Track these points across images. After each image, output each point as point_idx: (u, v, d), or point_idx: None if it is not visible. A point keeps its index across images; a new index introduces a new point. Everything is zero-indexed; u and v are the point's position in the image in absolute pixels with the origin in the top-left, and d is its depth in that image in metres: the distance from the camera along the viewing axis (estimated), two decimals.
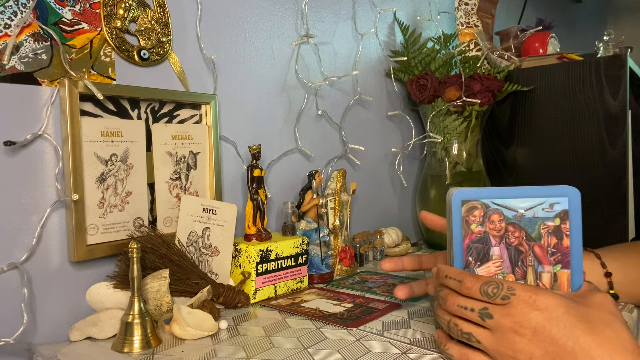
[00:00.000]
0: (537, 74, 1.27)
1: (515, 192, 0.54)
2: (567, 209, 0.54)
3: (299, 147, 1.06)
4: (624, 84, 1.15)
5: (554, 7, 2.41)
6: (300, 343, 0.62)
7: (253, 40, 0.97)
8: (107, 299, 0.69)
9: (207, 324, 0.67)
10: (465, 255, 0.55)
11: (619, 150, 1.17)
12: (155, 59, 0.80)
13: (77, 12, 0.71)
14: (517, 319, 0.49)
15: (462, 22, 1.48)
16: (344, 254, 0.99)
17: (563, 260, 0.54)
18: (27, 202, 0.67)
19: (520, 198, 0.54)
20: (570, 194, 0.54)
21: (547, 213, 0.54)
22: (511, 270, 0.55)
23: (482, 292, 0.51)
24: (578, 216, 0.54)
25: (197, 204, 0.81)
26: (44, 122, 0.68)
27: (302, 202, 0.95)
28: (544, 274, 0.54)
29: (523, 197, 0.54)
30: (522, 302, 0.49)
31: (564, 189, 0.54)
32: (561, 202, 0.54)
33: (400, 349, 0.60)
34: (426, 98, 1.20)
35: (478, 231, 0.54)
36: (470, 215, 0.54)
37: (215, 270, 0.81)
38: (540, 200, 0.54)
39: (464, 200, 0.54)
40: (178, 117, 0.84)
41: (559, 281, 0.54)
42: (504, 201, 0.54)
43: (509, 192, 0.54)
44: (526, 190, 0.54)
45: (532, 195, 0.54)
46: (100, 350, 0.62)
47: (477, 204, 0.54)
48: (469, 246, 0.55)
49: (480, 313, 0.51)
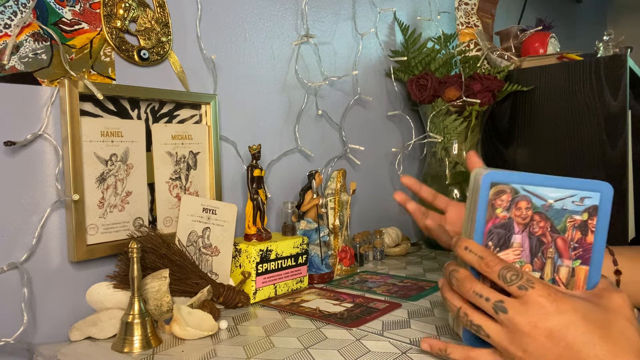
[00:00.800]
0: (537, 74, 1.27)
1: (548, 180, 0.52)
2: (598, 205, 0.52)
3: (299, 147, 1.06)
4: (624, 84, 1.15)
5: (554, 7, 2.41)
6: (300, 343, 0.62)
7: (253, 40, 0.97)
8: (107, 299, 0.69)
9: (207, 324, 0.67)
10: (486, 239, 0.52)
11: (619, 150, 1.17)
12: (155, 59, 0.80)
13: (77, 12, 0.71)
14: (532, 319, 0.47)
15: (462, 22, 1.48)
16: (344, 254, 0.99)
17: (584, 257, 0.52)
18: (27, 202, 0.67)
19: (552, 187, 0.52)
20: (604, 189, 0.52)
21: (576, 206, 0.52)
22: (529, 261, 0.53)
23: (501, 275, 0.48)
24: (607, 213, 0.52)
25: (197, 204, 0.81)
26: (44, 122, 0.68)
27: (302, 202, 0.95)
28: (562, 267, 0.52)
29: (555, 187, 0.52)
30: (539, 302, 0.47)
31: (598, 184, 0.52)
32: (592, 197, 0.52)
33: (400, 349, 0.60)
34: (426, 98, 1.20)
35: (503, 216, 0.52)
36: (498, 199, 0.52)
37: (215, 270, 0.81)
38: (571, 192, 0.52)
39: (493, 183, 0.52)
40: (178, 117, 0.84)
41: (576, 277, 0.52)
42: (534, 189, 0.52)
43: (542, 180, 0.52)
44: (559, 181, 0.52)
45: (564, 186, 0.52)
46: (100, 350, 0.62)
47: (506, 188, 0.52)
48: (491, 230, 0.52)
49: (495, 305, 0.48)
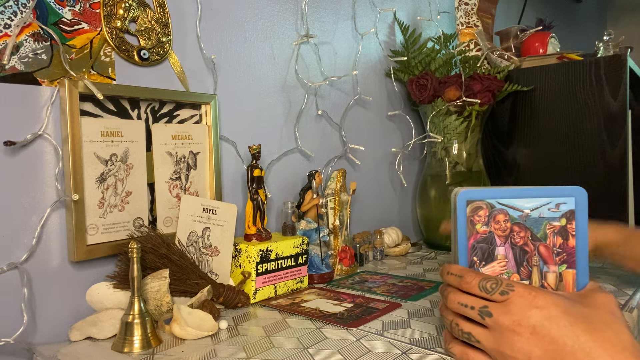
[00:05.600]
0: (537, 74, 1.27)
1: (521, 192, 0.54)
2: (574, 209, 0.53)
3: (299, 147, 1.06)
4: (624, 84, 1.15)
5: (554, 7, 2.41)
6: (300, 343, 0.62)
7: (253, 40, 0.97)
8: (107, 299, 0.69)
9: (207, 324, 0.67)
10: (470, 255, 0.54)
11: (619, 150, 1.17)
12: (155, 59, 0.80)
13: (77, 12, 0.71)
14: (515, 318, 0.48)
15: (462, 22, 1.48)
16: (344, 254, 0.99)
17: (569, 260, 0.54)
18: (27, 202, 0.67)
19: (526, 198, 0.54)
20: (577, 194, 0.53)
21: (553, 213, 0.53)
22: (516, 270, 0.54)
23: (481, 287, 0.51)
24: (584, 216, 0.53)
25: (197, 204, 0.81)
26: (44, 122, 0.68)
27: (302, 202, 0.95)
28: (549, 273, 0.54)
29: (529, 197, 0.53)
30: (521, 301, 0.49)
31: (571, 189, 0.53)
32: (568, 202, 0.53)
33: (400, 349, 0.60)
34: (426, 98, 1.20)
35: (483, 231, 0.54)
36: (475, 215, 0.54)
37: (215, 270, 0.81)
38: (546, 200, 0.53)
39: (469, 201, 0.54)
40: (178, 117, 0.84)
41: (564, 281, 0.54)
42: (509, 201, 0.54)
43: (515, 192, 0.54)
44: (532, 191, 0.53)
45: (538, 195, 0.53)
46: (100, 350, 0.62)
47: (482, 204, 0.54)
48: (474, 246, 0.54)
49: (480, 311, 0.50)
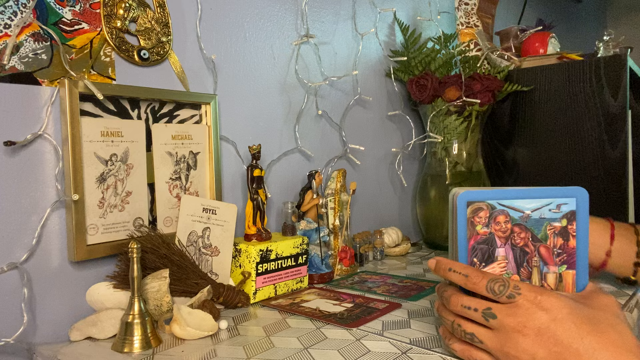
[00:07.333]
0: (537, 74, 1.27)
1: (522, 193, 0.53)
2: (575, 210, 0.53)
3: (299, 147, 1.06)
4: (624, 84, 1.15)
5: (554, 7, 2.41)
6: (300, 343, 0.62)
7: (253, 40, 0.97)
8: (107, 299, 0.69)
9: (207, 324, 0.67)
10: (470, 257, 0.54)
11: (619, 150, 1.17)
12: (155, 59, 0.80)
13: (77, 12, 0.71)
14: (521, 319, 0.48)
15: (462, 22, 1.48)
16: (344, 254, 0.99)
17: (569, 261, 0.53)
18: (27, 202, 0.67)
19: (527, 199, 0.53)
20: (578, 194, 0.53)
21: (554, 214, 0.53)
22: (516, 271, 0.54)
23: (489, 289, 0.50)
24: (585, 217, 0.53)
25: (197, 204, 0.81)
26: (44, 122, 0.68)
27: (302, 202, 0.95)
28: (549, 274, 0.54)
29: (530, 198, 0.53)
30: (526, 302, 0.48)
31: (573, 189, 0.53)
32: (569, 203, 0.53)
33: (400, 349, 0.60)
34: (426, 98, 1.20)
35: (483, 232, 0.54)
36: (476, 216, 0.53)
37: (215, 270, 0.81)
38: (547, 201, 0.53)
39: (469, 202, 0.53)
40: (178, 117, 0.84)
41: (564, 281, 0.54)
42: (510, 202, 0.53)
43: (516, 193, 0.53)
44: (534, 191, 0.53)
45: (539, 195, 0.53)
46: (100, 350, 0.62)
47: (482, 205, 0.53)
48: (474, 247, 0.54)
49: (484, 313, 0.50)
